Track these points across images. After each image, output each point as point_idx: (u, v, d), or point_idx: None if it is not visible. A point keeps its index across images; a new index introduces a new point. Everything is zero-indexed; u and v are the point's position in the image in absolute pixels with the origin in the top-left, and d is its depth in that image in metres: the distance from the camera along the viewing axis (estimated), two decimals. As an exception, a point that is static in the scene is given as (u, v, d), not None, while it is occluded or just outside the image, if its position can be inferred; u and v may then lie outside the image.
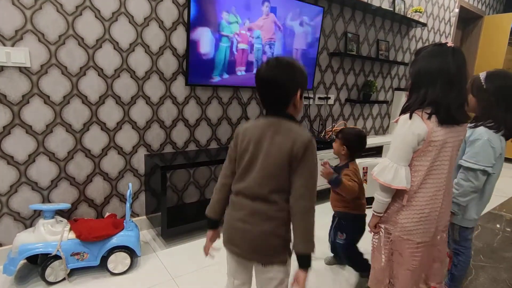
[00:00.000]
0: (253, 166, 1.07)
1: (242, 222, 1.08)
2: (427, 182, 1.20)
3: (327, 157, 2.89)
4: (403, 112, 1.21)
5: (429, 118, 1.14)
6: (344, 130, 1.75)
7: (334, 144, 1.77)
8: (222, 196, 1.17)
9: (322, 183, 2.87)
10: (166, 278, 1.79)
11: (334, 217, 1.82)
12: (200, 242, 2.18)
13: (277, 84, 1.04)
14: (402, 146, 1.17)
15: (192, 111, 2.35)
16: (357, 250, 1.76)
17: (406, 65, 3.97)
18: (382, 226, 1.31)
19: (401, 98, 3.91)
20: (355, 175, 1.64)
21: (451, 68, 1.12)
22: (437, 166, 1.19)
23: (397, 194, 1.24)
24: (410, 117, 1.16)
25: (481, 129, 1.43)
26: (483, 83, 1.42)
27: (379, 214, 1.30)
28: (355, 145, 1.71)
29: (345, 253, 1.76)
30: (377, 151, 3.33)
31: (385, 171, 1.20)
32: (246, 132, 1.11)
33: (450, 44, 1.15)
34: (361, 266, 1.77)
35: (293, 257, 1.06)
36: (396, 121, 1.22)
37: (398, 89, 4.00)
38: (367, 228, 1.65)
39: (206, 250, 1.22)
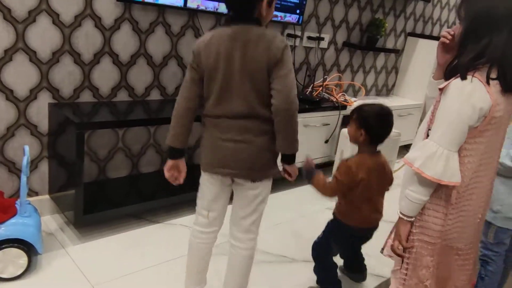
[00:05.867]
0: (231, 86, 1.38)
1: (234, 142, 1.41)
2: (480, 171, 1.23)
3: (314, 123, 2.90)
4: (452, 73, 1.19)
5: (489, 82, 1.15)
6: (362, 108, 1.75)
7: (348, 128, 1.78)
8: (187, 122, 1.46)
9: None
10: (81, 285, 1.77)
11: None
12: (131, 235, 2.16)
13: None
14: (457, 125, 1.17)
15: (125, 42, 2.25)
16: (326, 259, 1.89)
17: (426, 2, 4.02)
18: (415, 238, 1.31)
19: (415, 48, 4.01)
20: (346, 173, 1.67)
21: None
22: (493, 151, 1.23)
23: (438, 191, 1.25)
24: (462, 79, 1.16)
25: None
26: None
27: (410, 219, 1.29)
28: (377, 129, 1.71)
29: (312, 251, 1.91)
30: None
31: (433, 160, 1.19)
32: (210, 46, 1.37)
33: None
34: (325, 280, 1.92)
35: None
36: (443, 88, 1.21)
37: (413, 34, 4.04)
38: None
39: (174, 178, 1.54)
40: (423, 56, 3.92)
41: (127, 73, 2.31)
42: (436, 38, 3.89)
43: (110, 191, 2.30)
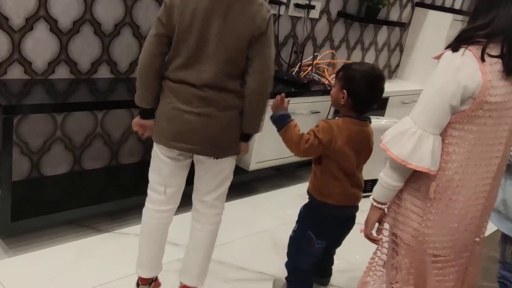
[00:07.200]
0: (203, 52, 1.44)
1: (196, 115, 1.47)
2: (469, 167, 1.23)
3: (301, 110, 2.87)
4: (454, 43, 1.19)
5: (484, 59, 1.15)
6: (350, 66, 1.78)
7: (332, 90, 1.81)
8: (150, 81, 1.52)
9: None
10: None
11: None
12: (72, 246, 2.11)
13: None
14: (436, 102, 1.19)
15: (66, 4, 2.18)
16: (303, 259, 1.88)
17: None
18: (386, 229, 1.39)
19: (424, 21, 3.93)
20: (327, 131, 1.67)
21: None
22: (489, 145, 1.23)
23: (418, 181, 1.28)
24: (453, 51, 1.17)
25: None
26: None
27: (380, 205, 1.35)
28: (363, 92, 1.70)
29: (288, 247, 1.94)
30: (379, 105, 3.37)
31: (402, 138, 1.22)
32: (186, 1, 1.40)
33: None
34: (296, 280, 1.93)
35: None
36: (438, 57, 1.23)
37: (422, 4, 3.95)
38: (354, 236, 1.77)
39: (142, 131, 1.61)
40: (433, 32, 3.83)
41: (68, 44, 2.24)
42: (449, 10, 3.84)
43: (46, 192, 2.27)
